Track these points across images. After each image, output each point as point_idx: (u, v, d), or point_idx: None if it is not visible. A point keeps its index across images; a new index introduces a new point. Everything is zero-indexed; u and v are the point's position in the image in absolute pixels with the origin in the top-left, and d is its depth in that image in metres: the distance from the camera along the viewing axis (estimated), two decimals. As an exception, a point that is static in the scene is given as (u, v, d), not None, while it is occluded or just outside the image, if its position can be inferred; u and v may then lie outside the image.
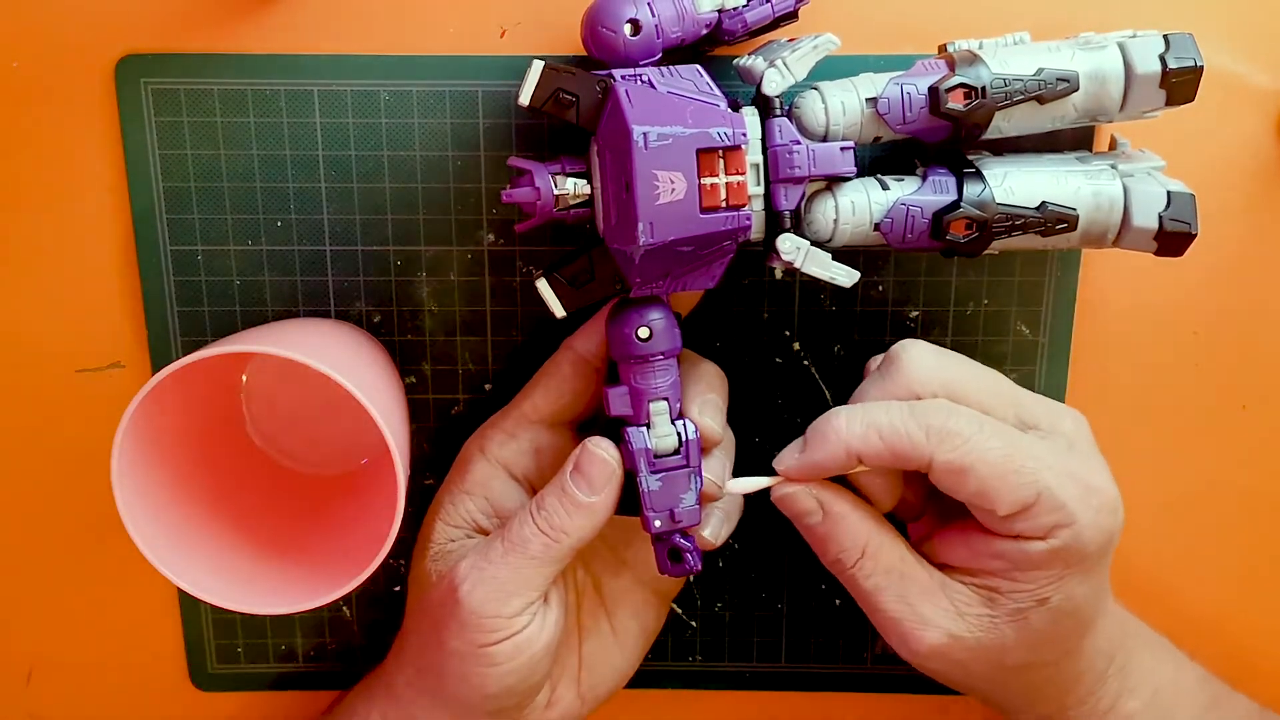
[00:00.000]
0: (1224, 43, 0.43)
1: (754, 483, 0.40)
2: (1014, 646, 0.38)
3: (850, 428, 0.38)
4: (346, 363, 0.38)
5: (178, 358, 0.40)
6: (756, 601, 0.48)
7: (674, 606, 0.48)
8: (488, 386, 0.46)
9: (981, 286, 0.45)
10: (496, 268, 0.44)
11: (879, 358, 0.41)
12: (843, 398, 0.45)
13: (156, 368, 0.45)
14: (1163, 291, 0.45)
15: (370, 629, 0.49)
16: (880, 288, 0.45)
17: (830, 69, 0.38)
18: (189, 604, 0.48)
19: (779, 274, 0.44)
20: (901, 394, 0.39)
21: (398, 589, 0.48)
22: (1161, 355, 0.46)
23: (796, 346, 0.45)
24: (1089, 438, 0.40)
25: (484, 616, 0.38)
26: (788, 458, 0.39)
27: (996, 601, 0.38)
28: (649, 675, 0.48)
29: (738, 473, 0.41)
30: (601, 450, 0.39)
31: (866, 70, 0.38)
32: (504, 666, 0.39)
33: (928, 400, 0.38)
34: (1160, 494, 0.47)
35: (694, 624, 0.49)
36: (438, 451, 0.46)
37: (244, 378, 0.45)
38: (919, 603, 0.38)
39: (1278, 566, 0.48)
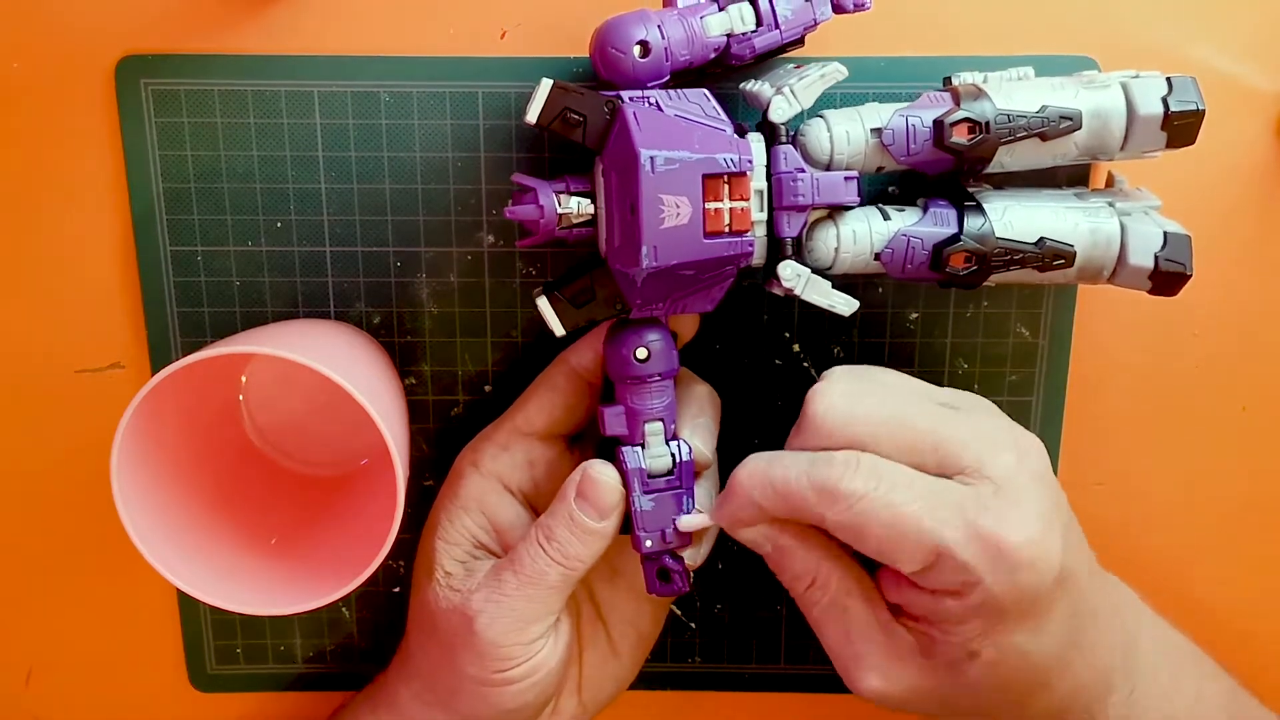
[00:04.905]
0: (1223, 45, 0.43)
1: (699, 520, 0.39)
2: (954, 695, 0.37)
3: (751, 482, 0.36)
4: (346, 364, 0.38)
5: (178, 358, 0.40)
6: (756, 603, 0.48)
7: (673, 608, 0.48)
8: (487, 388, 0.46)
9: (982, 288, 0.45)
10: (496, 269, 0.44)
11: (833, 372, 0.39)
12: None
13: (156, 368, 0.45)
14: (1163, 294, 0.45)
15: (369, 630, 0.49)
16: (880, 289, 0.45)
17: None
18: (188, 604, 0.48)
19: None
20: (812, 446, 0.36)
21: (397, 590, 0.48)
22: (1161, 357, 0.46)
23: (796, 348, 0.45)
24: (1031, 477, 0.36)
25: (503, 646, 0.39)
26: (717, 507, 0.39)
27: (932, 651, 0.36)
28: (648, 677, 0.48)
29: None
30: (605, 476, 0.39)
31: (865, 73, 0.38)
32: (521, 684, 0.39)
33: (830, 454, 0.36)
34: (1159, 494, 0.47)
35: (693, 625, 0.49)
36: (437, 452, 0.46)
37: (244, 378, 0.45)
38: (858, 640, 0.37)
39: (1278, 566, 0.48)
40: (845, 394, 0.37)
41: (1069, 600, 0.36)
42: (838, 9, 0.38)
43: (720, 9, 0.37)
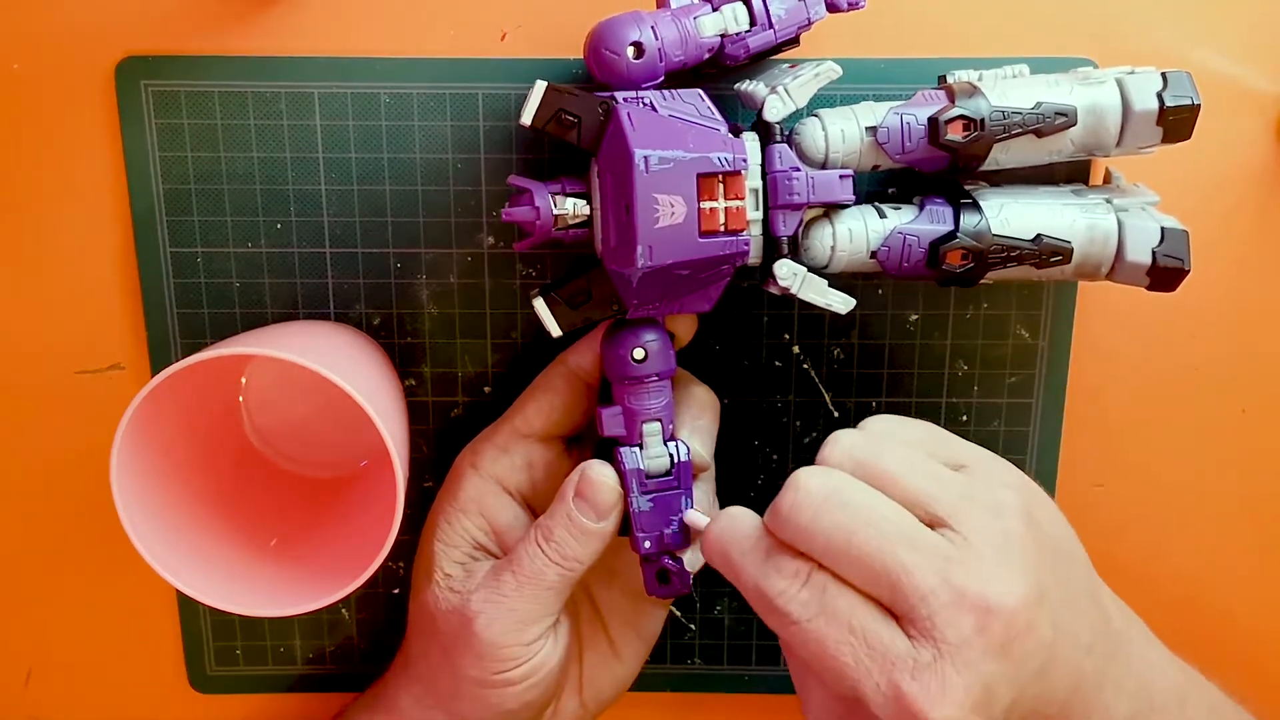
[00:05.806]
0: (1223, 46, 0.43)
1: (700, 520, 0.39)
2: None
3: (713, 550, 0.36)
4: (346, 365, 0.38)
5: (177, 360, 0.40)
6: (755, 604, 0.48)
7: (673, 610, 0.48)
8: (487, 389, 0.46)
9: (981, 290, 0.45)
10: (496, 270, 0.44)
11: (834, 446, 0.36)
12: (842, 400, 0.45)
13: (156, 369, 0.45)
14: (1161, 295, 0.45)
15: (369, 632, 0.49)
16: (880, 291, 0.45)
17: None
18: (188, 606, 0.48)
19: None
20: (778, 536, 0.34)
21: (397, 591, 0.48)
22: (1160, 359, 0.46)
23: (796, 350, 0.45)
24: (986, 648, 0.32)
25: (502, 647, 0.39)
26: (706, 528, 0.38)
27: None
28: (648, 678, 0.48)
29: (734, 478, 0.41)
30: (603, 477, 0.39)
31: (863, 75, 0.38)
32: (521, 686, 0.40)
33: (780, 563, 0.34)
34: (1159, 496, 0.47)
35: (693, 627, 0.49)
36: (437, 454, 0.46)
37: (244, 380, 0.45)
38: (812, 690, 0.36)
39: (1278, 569, 0.48)
40: (822, 491, 0.33)
41: None
42: (832, 8, 0.38)
43: (714, 9, 0.37)
